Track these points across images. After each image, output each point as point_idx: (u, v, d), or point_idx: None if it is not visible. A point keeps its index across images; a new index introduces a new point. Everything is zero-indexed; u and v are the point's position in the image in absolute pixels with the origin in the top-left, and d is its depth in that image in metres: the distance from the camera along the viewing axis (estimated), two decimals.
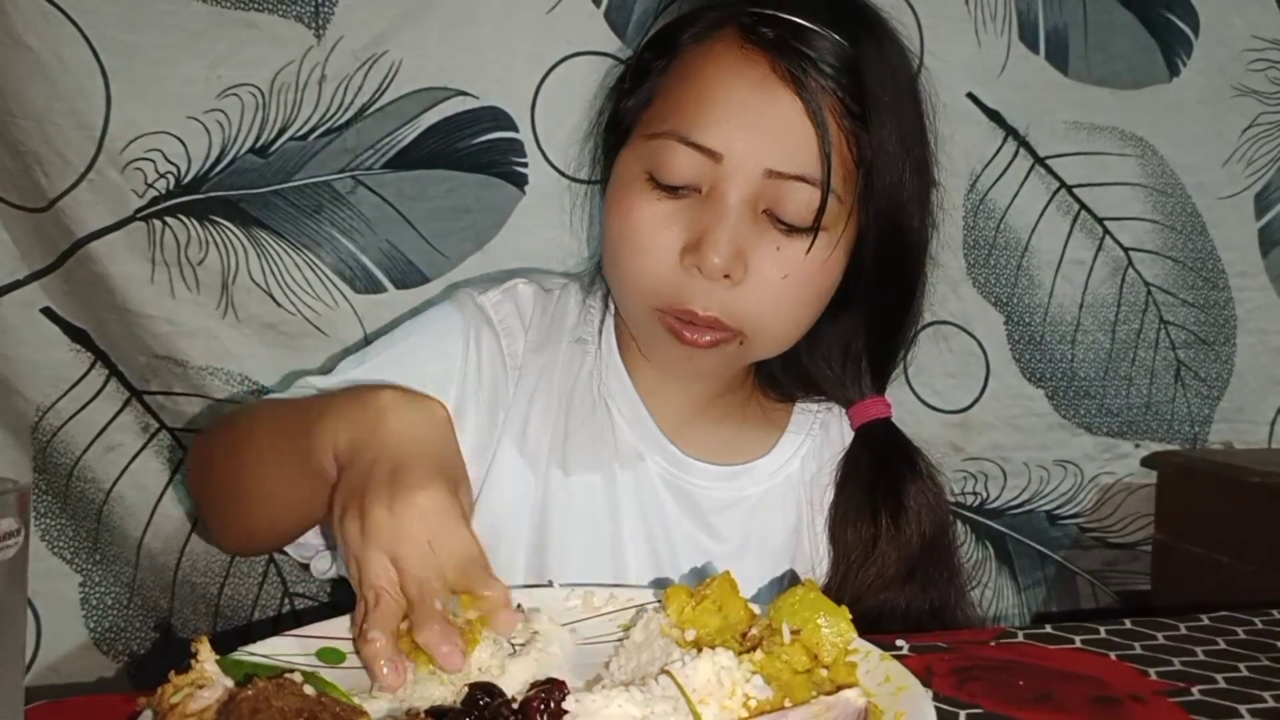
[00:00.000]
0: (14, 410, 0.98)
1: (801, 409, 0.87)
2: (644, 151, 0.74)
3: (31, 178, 0.94)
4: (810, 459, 0.85)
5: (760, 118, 0.71)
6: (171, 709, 0.44)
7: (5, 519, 0.44)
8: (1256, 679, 0.58)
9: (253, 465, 0.70)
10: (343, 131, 1.01)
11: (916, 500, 0.79)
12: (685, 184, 0.72)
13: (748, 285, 0.72)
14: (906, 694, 0.50)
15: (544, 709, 0.47)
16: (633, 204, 0.74)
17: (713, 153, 0.71)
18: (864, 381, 0.84)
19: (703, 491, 0.82)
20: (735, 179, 0.71)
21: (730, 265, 0.70)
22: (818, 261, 0.73)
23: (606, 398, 0.83)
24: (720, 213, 0.71)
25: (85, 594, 1.02)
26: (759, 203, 0.71)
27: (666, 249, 0.72)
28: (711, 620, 0.55)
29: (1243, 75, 1.23)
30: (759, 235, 0.72)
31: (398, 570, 0.54)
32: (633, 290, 0.76)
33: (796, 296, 0.74)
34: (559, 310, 0.86)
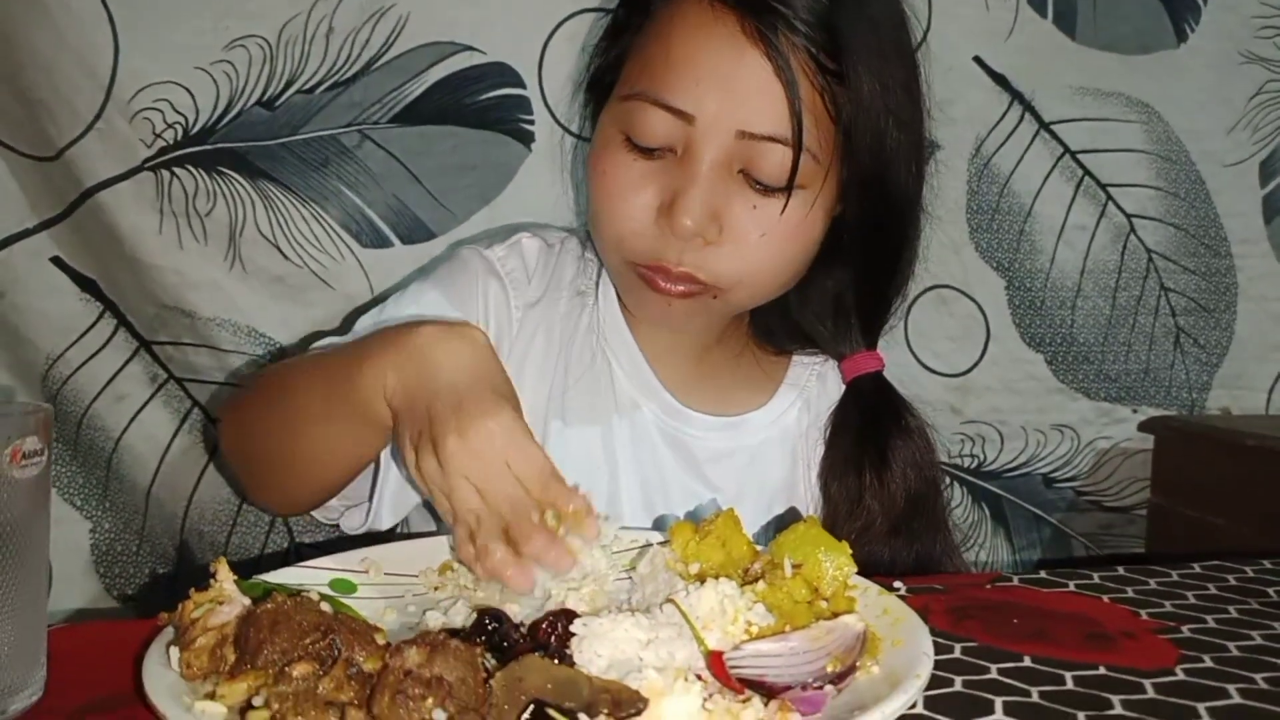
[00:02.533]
0: (24, 358, 0.99)
1: (798, 361, 0.87)
2: (620, 112, 0.74)
3: (40, 127, 0.94)
4: (806, 411, 0.86)
5: (730, 78, 0.69)
6: (193, 623, 0.45)
7: (30, 438, 0.45)
8: (1245, 619, 0.59)
9: (296, 422, 0.69)
10: (350, 85, 1.01)
11: (902, 455, 0.79)
12: (660, 145, 0.71)
13: (724, 244, 0.72)
14: (903, 624, 0.51)
15: (552, 631, 0.49)
16: (609, 164, 0.74)
17: (684, 114, 0.70)
18: (855, 335, 0.84)
19: (699, 442, 0.83)
20: (707, 140, 0.70)
21: (703, 227, 0.70)
22: (795, 220, 0.72)
23: (605, 348, 0.83)
24: (693, 174, 0.70)
25: (95, 540, 1.03)
26: (733, 163, 0.71)
27: (642, 209, 0.72)
28: (715, 555, 0.56)
29: (1251, 42, 1.23)
30: (734, 195, 0.71)
31: (483, 494, 0.55)
32: (611, 247, 0.76)
33: (773, 254, 0.73)
34: (560, 263, 0.87)
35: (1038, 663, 0.52)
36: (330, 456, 0.69)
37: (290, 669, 0.41)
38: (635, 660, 0.46)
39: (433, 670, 0.40)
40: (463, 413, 0.56)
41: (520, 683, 0.42)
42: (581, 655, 0.47)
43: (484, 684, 0.42)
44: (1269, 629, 0.58)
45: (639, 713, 0.42)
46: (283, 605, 0.44)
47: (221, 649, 0.44)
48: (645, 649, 0.47)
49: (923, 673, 0.45)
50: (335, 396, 0.64)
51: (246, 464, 0.78)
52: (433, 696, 0.39)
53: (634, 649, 0.47)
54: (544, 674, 0.43)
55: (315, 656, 0.42)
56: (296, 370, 0.72)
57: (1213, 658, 0.53)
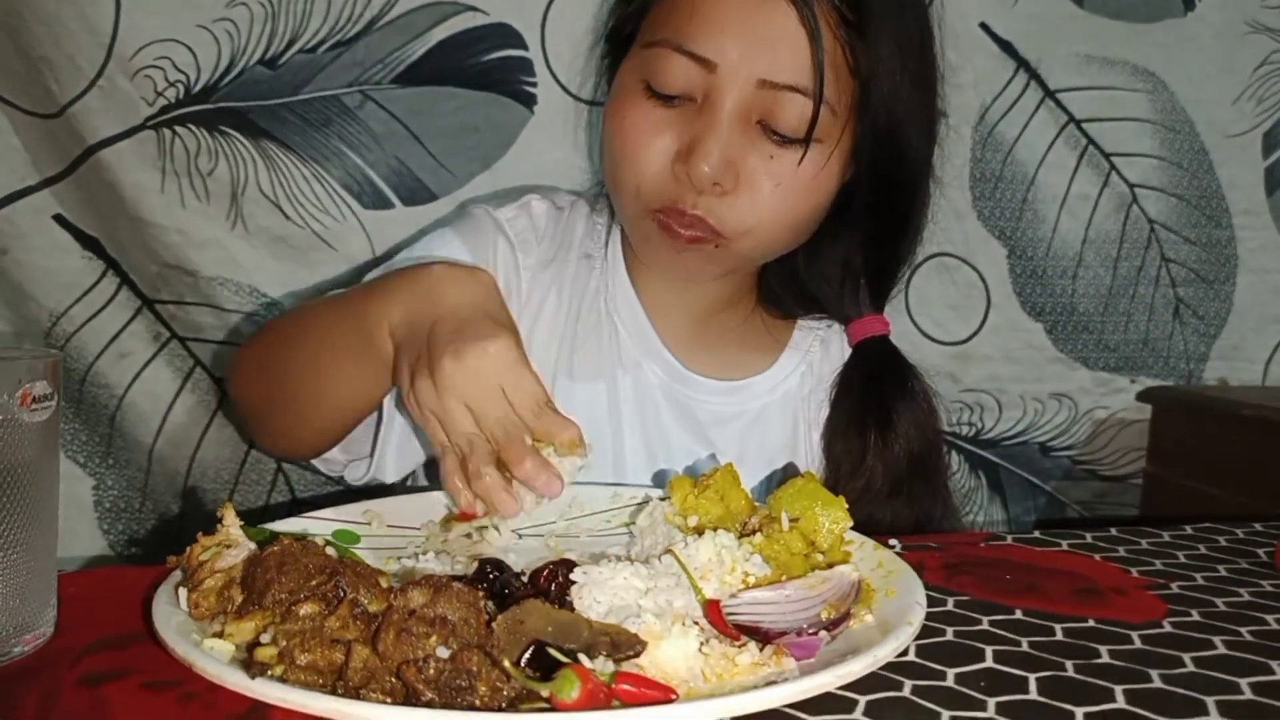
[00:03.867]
0: (28, 315, 0.99)
1: (803, 326, 0.88)
2: (641, 60, 0.74)
3: (42, 83, 0.94)
4: (809, 374, 0.86)
5: (754, 26, 0.70)
6: (200, 566, 0.46)
7: (39, 383, 0.45)
8: (1233, 578, 0.60)
9: (307, 361, 0.70)
10: (352, 45, 1.00)
11: (906, 417, 0.80)
12: (680, 93, 0.72)
13: (738, 193, 0.72)
14: (898, 577, 0.52)
15: (553, 579, 0.49)
16: (628, 111, 0.74)
17: (706, 61, 0.70)
18: (862, 299, 0.85)
19: (701, 405, 0.84)
20: (728, 88, 0.70)
21: (720, 174, 0.71)
22: (810, 173, 0.73)
23: (612, 310, 0.84)
24: (712, 122, 0.71)
25: (98, 497, 1.04)
26: (752, 113, 0.71)
27: (659, 154, 0.73)
28: (714, 508, 0.57)
29: (1257, 12, 1.22)
30: (751, 145, 0.72)
31: (476, 416, 0.56)
32: (627, 194, 0.76)
33: (786, 206, 0.74)
34: (568, 226, 0.87)
35: (1029, 615, 0.53)
36: (335, 395, 0.70)
37: (297, 608, 0.42)
38: (634, 607, 0.47)
39: (436, 610, 0.41)
40: (462, 336, 0.57)
41: (521, 625, 0.43)
42: (581, 602, 0.48)
43: (486, 626, 0.43)
44: (1257, 586, 0.59)
45: (637, 654, 0.43)
46: (289, 547, 0.45)
47: (229, 590, 0.45)
48: (644, 597, 0.48)
49: (915, 620, 0.46)
50: (342, 334, 0.65)
51: (254, 406, 0.78)
52: (436, 635, 0.40)
53: (633, 596, 0.48)
54: (545, 617, 0.44)
55: (321, 597, 0.43)
56: (307, 312, 0.74)
57: (1200, 612, 0.54)
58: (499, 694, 0.39)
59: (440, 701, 0.38)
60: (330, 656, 0.40)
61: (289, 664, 0.40)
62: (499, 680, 0.39)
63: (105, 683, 0.43)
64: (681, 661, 0.44)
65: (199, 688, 0.41)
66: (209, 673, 0.40)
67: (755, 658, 0.45)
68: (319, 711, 0.38)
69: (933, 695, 0.43)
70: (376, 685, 0.39)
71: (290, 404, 0.73)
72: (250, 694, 0.39)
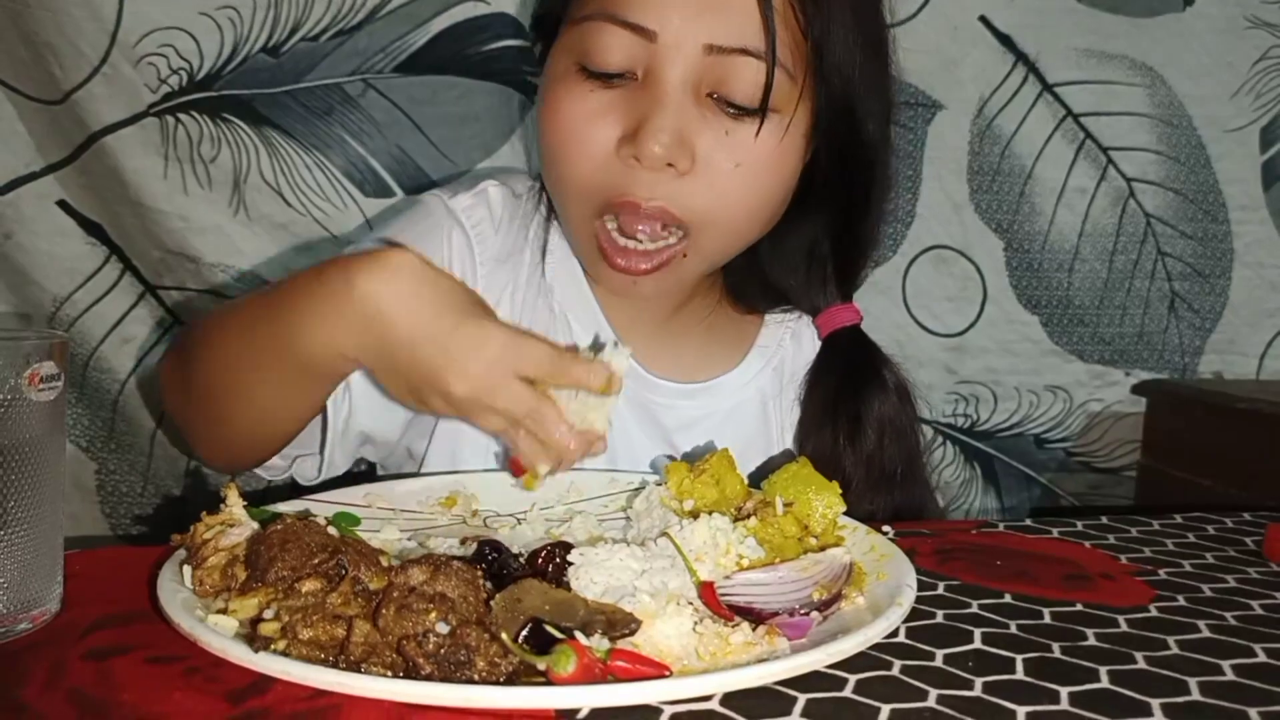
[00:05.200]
0: (31, 300, 1.00)
1: (771, 321, 0.83)
2: (572, 39, 0.67)
3: (47, 69, 0.95)
4: (780, 371, 0.82)
5: None
6: (204, 544, 0.47)
7: (47, 363, 0.46)
8: (1220, 565, 0.61)
9: (233, 374, 0.64)
10: (354, 33, 1.01)
11: (879, 411, 0.76)
12: (619, 70, 0.65)
13: (696, 175, 0.65)
14: (889, 560, 0.53)
15: (550, 560, 0.50)
16: (563, 97, 0.66)
17: (645, 30, 0.63)
18: (830, 288, 0.79)
19: (665, 409, 0.78)
20: (673, 58, 0.63)
21: (673, 153, 0.64)
22: (770, 146, 0.66)
23: (566, 311, 0.77)
24: (659, 97, 0.64)
25: (101, 481, 1.05)
26: (702, 84, 0.65)
27: (602, 142, 0.65)
28: (709, 493, 0.58)
29: (1257, 7, 1.22)
30: (704, 120, 0.65)
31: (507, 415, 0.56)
32: (571, 192, 0.68)
33: (750, 187, 0.67)
34: (524, 215, 0.80)
35: (1018, 599, 0.54)
36: (274, 410, 0.64)
37: (299, 585, 0.43)
38: (629, 587, 0.48)
39: (435, 587, 0.42)
40: (451, 356, 0.54)
41: (519, 603, 0.44)
42: (578, 582, 0.49)
43: (484, 604, 0.44)
44: (1243, 574, 0.59)
45: (632, 633, 0.44)
46: (292, 526, 0.46)
47: (232, 568, 0.46)
48: (639, 578, 0.49)
49: (905, 602, 0.47)
50: (276, 352, 0.60)
51: (186, 418, 0.70)
52: (436, 611, 0.41)
53: (628, 577, 0.49)
54: (542, 595, 0.45)
55: (323, 574, 0.44)
56: (230, 318, 0.66)
57: (1186, 598, 0.55)
58: (497, 669, 0.40)
59: (439, 675, 0.39)
60: (332, 631, 0.41)
61: (291, 639, 0.41)
62: (497, 655, 0.40)
63: (111, 657, 0.44)
64: (676, 640, 0.45)
65: (203, 662, 0.42)
66: (213, 647, 0.41)
67: (748, 637, 0.45)
68: (321, 684, 0.38)
69: (922, 675, 0.44)
70: (377, 659, 0.40)
71: (221, 417, 0.66)
72: (254, 667, 0.40)
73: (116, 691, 0.41)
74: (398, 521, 0.61)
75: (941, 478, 1.22)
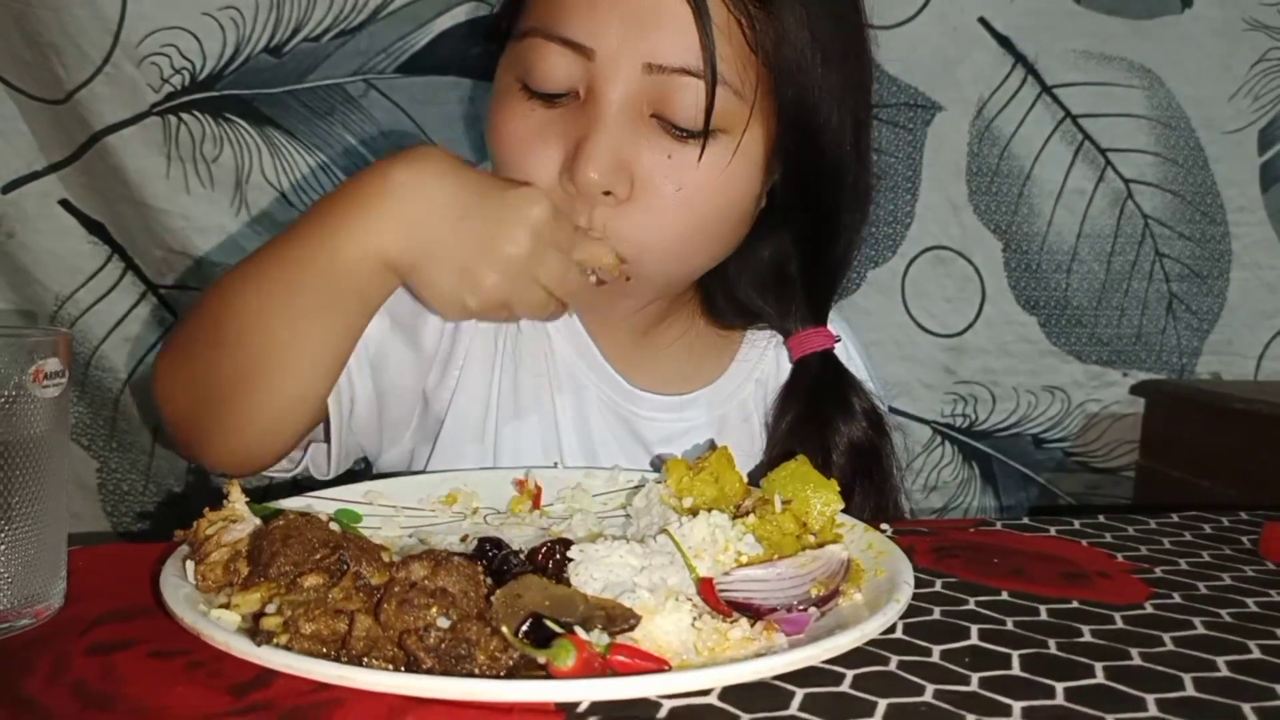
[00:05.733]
0: (34, 298, 1.01)
1: (751, 338, 0.81)
2: (514, 56, 0.65)
3: (50, 69, 0.95)
4: (764, 383, 0.80)
5: (634, 3, 0.61)
6: (207, 539, 0.47)
7: (51, 360, 0.46)
8: (1217, 564, 0.61)
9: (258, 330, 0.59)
10: (356, 34, 1.02)
11: (847, 439, 0.73)
12: (560, 89, 0.63)
13: (635, 201, 0.63)
14: (887, 558, 0.54)
15: (550, 556, 0.51)
16: (505, 116, 0.65)
17: (582, 48, 0.61)
18: (800, 311, 0.76)
19: (647, 423, 0.77)
20: (611, 77, 0.61)
21: (610, 179, 0.62)
22: (714, 170, 0.63)
23: (547, 325, 0.75)
24: (596, 118, 0.61)
25: (103, 480, 1.06)
26: (643, 105, 0.62)
27: (545, 165, 0.63)
28: (708, 490, 0.58)
29: (1255, 9, 1.23)
30: (646, 142, 0.62)
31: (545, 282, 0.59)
32: None
33: (690, 213, 0.64)
34: None
35: (1014, 597, 0.54)
36: (309, 356, 0.60)
37: (301, 580, 0.43)
38: (629, 583, 0.48)
39: (437, 583, 0.42)
40: (503, 221, 0.57)
41: (519, 599, 0.44)
42: (577, 578, 0.49)
43: (485, 599, 0.44)
44: (1239, 571, 0.60)
45: (631, 628, 0.44)
46: (294, 522, 0.46)
47: (235, 563, 0.47)
48: (639, 574, 0.49)
49: (902, 598, 0.47)
50: (307, 280, 0.58)
51: (194, 408, 0.64)
52: (437, 605, 0.41)
53: (628, 574, 0.49)
54: (542, 591, 0.45)
55: (325, 570, 0.44)
56: (239, 279, 0.62)
57: (1182, 595, 0.55)
58: (497, 663, 0.40)
59: (440, 669, 0.39)
60: (334, 626, 0.41)
61: (294, 633, 0.41)
62: (498, 650, 0.40)
63: (114, 651, 0.44)
64: (675, 635, 0.45)
65: (206, 656, 0.42)
66: (216, 640, 0.41)
67: (746, 633, 0.46)
68: (323, 678, 0.39)
69: (918, 670, 0.44)
70: (378, 653, 0.40)
71: (244, 389, 0.61)
72: (256, 661, 0.40)
73: (120, 685, 0.41)
74: (399, 519, 0.62)
75: (940, 477, 1.23)
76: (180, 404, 0.64)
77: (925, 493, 1.23)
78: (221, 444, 0.64)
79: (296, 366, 0.61)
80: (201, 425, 0.64)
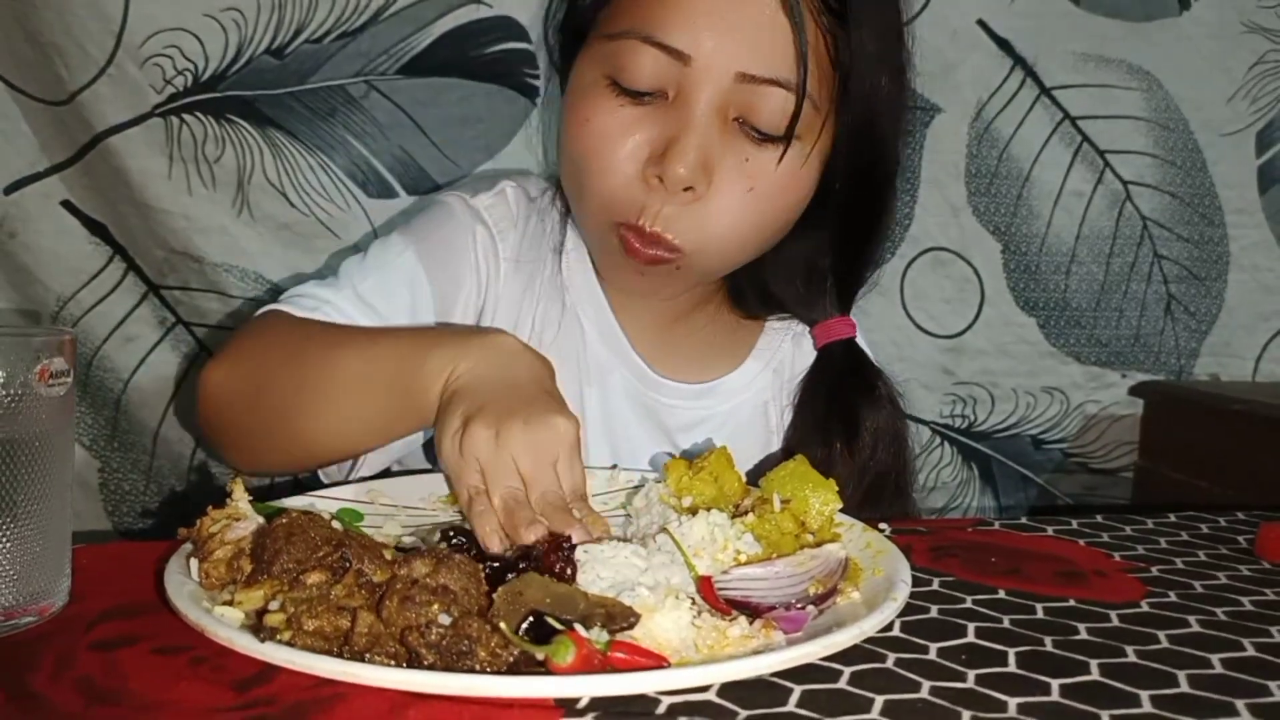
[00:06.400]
0: (35, 299, 1.01)
1: (771, 327, 0.85)
2: (604, 53, 0.68)
3: (52, 70, 0.95)
4: (780, 373, 0.83)
5: (732, 14, 0.65)
6: (210, 537, 0.48)
7: (56, 359, 0.47)
8: (1212, 563, 0.62)
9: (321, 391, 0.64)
10: (357, 35, 1.02)
11: (872, 424, 0.77)
12: (650, 88, 0.66)
13: (708, 199, 0.68)
14: (885, 557, 0.54)
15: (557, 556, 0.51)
16: (592, 110, 0.68)
17: (680, 54, 0.65)
18: (829, 301, 0.80)
19: (669, 410, 0.80)
20: (704, 82, 0.65)
21: (695, 176, 0.66)
22: (788, 174, 0.68)
23: (578, 309, 0.79)
24: (687, 119, 0.65)
25: (104, 479, 1.06)
26: (729, 109, 0.66)
27: (631, 160, 0.67)
28: (707, 489, 0.59)
29: (1253, 12, 1.23)
30: (727, 145, 0.67)
31: (525, 481, 0.54)
32: (594, 204, 0.71)
33: (759, 211, 0.69)
34: (539, 217, 0.82)
35: (1011, 595, 0.54)
36: (352, 431, 0.65)
37: (304, 577, 0.44)
38: (631, 582, 0.49)
39: (438, 580, 0.43)
40: (533, 407, 0.55)
41: (520, 596, 0.45)
42: (584, 577, 0.49)
43: (485, 596, 0.45)
44: (1235, 571, 0.60)
45: (631, 626, 0.45)
46: (297, 520, 0.46)
47: (238, 561, 0.47)
48: (643, 575, 0.50)
49: (899, 596, 0.48)
50: (383, 373, 0.62)
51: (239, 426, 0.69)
52: (438, 602, 0.42)
53: (633, 574, 0.50)
54: (543, 589, 0.46)
55: (328, 567, 0.45)
56: (328, 340, 0.67)
57: (1177, 593, 0.56)
58: (498, 659, 0.40)
59: (442, 665, 0.40)
60: (336, 622, 0.42)
61: (297, 629, 0.41)
62: (498, 646, 0.41)
63: (118, 648, 0.44)
64: (674, 633, 0.45)
65: (209, 652, 0.43)
66: (220, 637, 0.42)
67: (745, 631, 0.46)
68: (325, 673, 0.39)
69: (915, 667, 0.44)
70: (380, 649, 0.41)
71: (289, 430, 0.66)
72: (260, 657, 0.40)
73: (124, 681, 0.41)
74: (399, 518, 0.62)
75: (939, 478, 1.23)
76: (226, 416, 0.68)
77: (924, 493, 1.23)
78: (267, 460, 0.70)
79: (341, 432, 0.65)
80: (247, 443, 0.69)
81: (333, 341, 0.66)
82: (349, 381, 0.63)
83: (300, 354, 0.66)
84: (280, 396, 0.65)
